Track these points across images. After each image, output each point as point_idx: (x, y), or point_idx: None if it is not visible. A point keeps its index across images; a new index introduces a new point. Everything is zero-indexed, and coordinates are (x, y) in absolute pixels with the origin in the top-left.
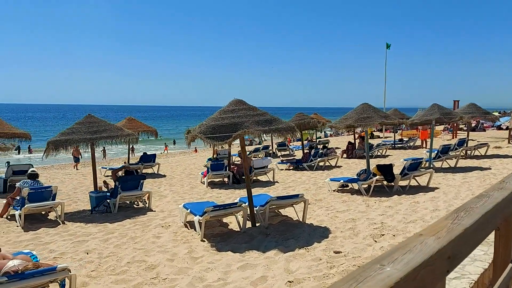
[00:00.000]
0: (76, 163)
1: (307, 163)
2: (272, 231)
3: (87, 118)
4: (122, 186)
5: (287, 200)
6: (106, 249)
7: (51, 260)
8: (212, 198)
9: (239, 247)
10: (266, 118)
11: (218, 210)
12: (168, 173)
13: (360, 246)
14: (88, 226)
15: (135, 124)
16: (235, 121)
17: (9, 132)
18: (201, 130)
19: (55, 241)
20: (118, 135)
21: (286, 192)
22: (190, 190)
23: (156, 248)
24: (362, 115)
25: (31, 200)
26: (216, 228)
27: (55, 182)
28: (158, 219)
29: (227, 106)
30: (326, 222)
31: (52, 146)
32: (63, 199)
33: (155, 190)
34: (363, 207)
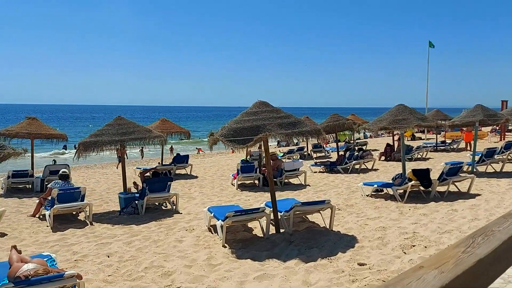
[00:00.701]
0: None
1: (342, 165)
2: (297, 238)
3: (117, 120)
4: (150, 187)
5: (313, 206)
6: (127, 252)
7: (72, 263)
8: (241, 201)
9: (259, 255)
10: (290, 120)
11: (240, 215)
12: (200, 174)
13: (388, 258)
14: (115, 228)
15: (168, 125)
16: (257, 124)
17: (46, 133)
18: (223, 133)
19: (80, 242)
20: (146, 136)
21: (317, 196)
22: (220, 192)
23: (176, 253)
24: (397, 116)
25: (61, 200)
26: (240, 233)
27: (91, 182)
28: (184, 222)
29: (250, 108)
30: (354, 230)
31: (82, 148)
32: (95, 199)
33: (184, 192)
34: (396, 215)
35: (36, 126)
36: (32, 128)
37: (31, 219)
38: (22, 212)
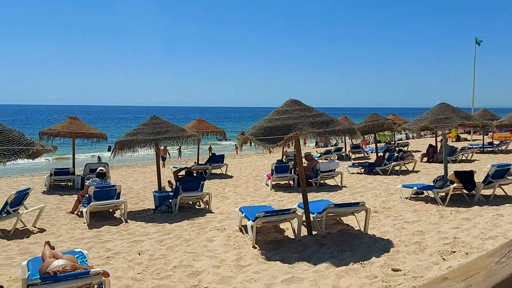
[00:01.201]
0: (163, 162)
1: (381, 167)
2: (329, 241)
3: (152, 119)
4: (183, 186)
5: (346, 208)
6: (158, 250)
7: (104, 260)
8: (274, 202)
9: (289, 257)
10: (322, 119)
11: (270, 216)
12: (236, 174)
13: (424, 264)
14: (148, 226)
15: (204, 125)
16: (289, 123)
17: (87, 132)
18: (253, 132)
19: (113, 239)
20: (180, 136)
21: (353, 198)
22: (254, 192)
23: (205, 253)
24: (439, 116)
25: (97, 198)
26: (271, 234)
27: (130, 180)
28: (216, 221)
29: (281, 106)
30: (390, 234)
31: (119, 147)
32: (132, 197)
33: (219, 191)
34: (436, 218)
35: (77, 125)
36: (73, 128)
37: (70, 216)
38: (61, 209)
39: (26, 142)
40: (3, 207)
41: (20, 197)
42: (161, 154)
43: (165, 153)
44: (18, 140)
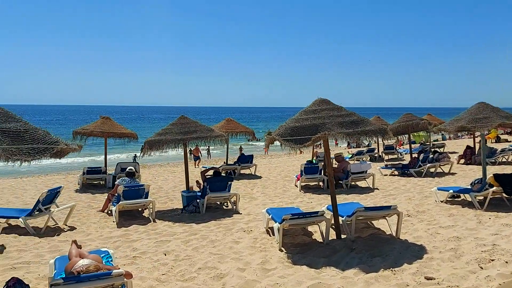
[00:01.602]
0: (195, 161)
1: (415, 168)
2: (359, 245)
3: (180, 119)
4: (210, 187)
5: (377, 212)
6: (184, 251)
7: (130, 259)
8: (303, 203)
9: (317, 261)
10: (352, 119)
11: (297, 219)
12: (265, 174)
13: (460, 273)
14: (175, 226)
15: (233, 125)
16: (316, 122)
17: (118, 131)
18: (280, 132)
19: (141, 239)
20: (208, 136)
21: (385, 201)
22: (282, 194)
23: (231, 255)
24: (477, 115)
25: (126, 197)
26: (299, 237)
27: (160, 179)
28: (242, 222)
29: (309, 106)
30: (423, 239)
31: (147, 146)
32: (161, 196)
33: (247, 192)
34: (473, 224)
35: (109, 125)
36: (105, 127)
37: (100, 214)
38: (92, 207)
39: (51, 140)
40: (35, 205)
41: (52, 196)
42: (193, 154)
43: (197, 152)
44: (43, 139)
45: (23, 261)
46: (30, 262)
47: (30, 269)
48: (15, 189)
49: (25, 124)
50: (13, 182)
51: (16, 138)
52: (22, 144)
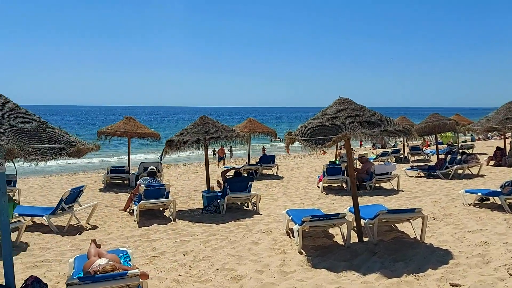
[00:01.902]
0: (219, 161)
1: (442, 170)
2: (381, 249)
3: (201, 119)
4: (230, 187)
5: (401, 215)
6: (203, 251)
7: (149, 259)
8: (324, 205)
9: (337, 265)
10: (374, 119)
11: (317, 221)
12: (287, 175)
13: (488, 280)
14: (195, 226)
15: (255, 125)
16: (337, 122)
17: (141, 131)
18: (299, 132)
19: (161, 239)
20: (228, 136)
21: (410, 203)
22: (304, 195)
23: (250, 256)
24: (508, 115)
25: (147, 197)
26: (320, 239)
27: (182, 179)
28: (262, 223)
29: (330, 105)
30: (449, 244)
31: (169, 146)
32: (182, 196)
33: (268, 192)
34: (503, 228)
35: (132, 125)
36: (128, 127)
37: (122, 214)
38: (115, 206)
39: (68, 140)
40: (59, 204)
41: (75, 194)
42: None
43: (222, 153)
44: (60, 138)
45: (45, 259)
46: (52, 260)
47: (51, 267)
48: (42, 187)
49: (43, 123)
50: (40, 181)
51: (33, 137)
52: (39, 144)
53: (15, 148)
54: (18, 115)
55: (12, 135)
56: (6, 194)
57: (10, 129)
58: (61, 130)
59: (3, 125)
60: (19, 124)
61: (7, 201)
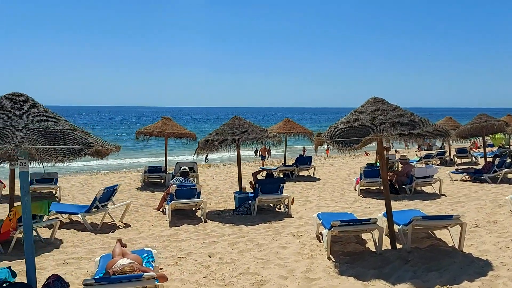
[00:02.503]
0: (262, 161)
1: (489, 174)
2: (415, 257)
3: (234, 119)
4: (262, 188)
5: (436, 221)
6: (229, 254)
7: (175, 260)
8: (360, 209)
9: (365, 272)
10: (408, 119)
11: (347, 226)
12: (324, 176)
13: None
14: (225, 227)
15: (291, 125)
16: (368, 123)
17: (177, 132)
18: (328, 133)
19: (189, 239)
20: (260, 136)
21: (452, 209)
22: (339, 197)
23: (276, 260)
24: None
25: (178, 196)
26: (351, 245)
27: (217, 179)
28: (293, 226)
29: (361, 106)
30: (490, 254)
31: (201, 146)
32: (216, 196)
33: (302, 194)
34: None
35: (169, 125)
36: (165, 128)
37: (155, 213)
38: (150, 205)
39: (87, 141)
40: (93, 202)
41: (109, 193)
42: (260, 153)
43: (265, 152)
44: (79, 139)
45: (76, 257)
46: (82, 258)
47: (80, 265)
48: (83, 186)
49: (63, 124)
50: (82, 179)
51: (52, 138)
52: (58, 144)
53: (31, 148)
54: (39, 116)
55: (31, 135)
56: (29, 193)
57: (29, 129)
58: (81, 131)
59: (23, 126)
60: (39, 125)
61: (30, 200)
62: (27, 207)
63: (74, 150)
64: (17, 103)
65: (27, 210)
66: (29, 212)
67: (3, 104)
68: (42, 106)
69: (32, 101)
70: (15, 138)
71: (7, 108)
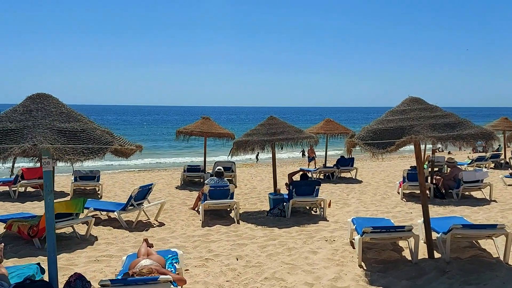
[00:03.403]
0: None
1: None
2: (453, 268)
3: (269, 119)
4: (296, 190)
5: (478, 231)
6: (257, 257)
7: (202, 261)
8: (400, 214)
9: (397, 283)
10: (447, 121)
11: (379, 233)
12: (366, 179)
13: None
14: (257, 229)
15: (332, 125)
16: (402, 125)
17: (216, 132)
18: (361, 135)
19: (220, 240)
20: (295, 137)
21: (502, 216)
22: (380, 201)
23: (304, 266)
24: None
25: (211, 197)
26: (386, 252)
27: (256, 180)
28: (327, 231)
29: (397, 106)
30: None
31: (235, 147)
32: (252, 197)
33: (341, 197)
34: None
35: (208, 125)
36: (204, 127)
37: (190, 212)
38: (186, 204)
39: (106, 141)
40: (128, 200)
41: (144, 192)
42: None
43: (312, 153)
44: (99, 138)
45: (107, 254)
46: (113, 256)
47: (110, 262)
48: (125, 183)
49: (84, 123)
50: (125, 176)
51: (72, 137)
52: (78, 144)
53: (49, 147)
54: (61, 115)
55: (50, 135)
56: (52, 192)
57: (50, 129)
58: (102, 130)
59: (44, 126)
60: (60, 124)
61: (53, 198)
62: (49, 205)
63: (94, 150)
64: (41, 103)
65: (49, 209)
66: (52, 211)
67: (27, 105)
68: (65, 106)
69: (56, 101)
70: (34, 137)
71: (30, 108)
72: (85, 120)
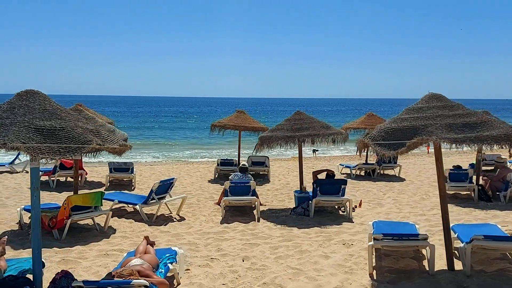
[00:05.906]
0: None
1: None
2: (473, 282)
3: (295, 115)
4: (321, 189)
5: (501, 243)
6: (265, 259)
7: (207, 261)
8: (435, 217)
9: None
10: (466, 120)
11: (391, 240)
12: (411, 177)
13: None
14: (275, 228)
15: (374, 120)
16: (416, 124)
17: (250, 125)
18: (373, 134)
19: (233, 238)
20: (321, 133)
21: None
22: (418, 202)
23: (309, 272)
24: None
25: (232, 193)
26: (404, 260)
27: (291, 175)
28: (349, 233)
29: (416, 103)
30: None
31: (260, 142)
32: (282, 194)
33: (376, 197)
34: None
35: (242, 119)
36: (238, 121)
37: (214, 207)
38: (213, 199)
39: (85, 139)
40: (149, 194)
41: (166, 186)
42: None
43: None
44: (78, 137)
45: (118, 249)
46: (123, 251)
47: (118, 258)
48: (161, 175)
49: (65, 121)
50: (163, 168)
51: (49, 136)
52: (54, 142)
53: (21, 146)
54: (44, 113)
55: (25, 133)
56: (38, 188)
57: (26, 127)
58: (83, 129)
59: (21, 123)
60: (38, 122)
61: (39, 195)
62: (35, 202)
63: (71, 149)
64: (27, 100)
65: (35, 206)
66: (38, 208)
67: (13, 101)
68: (51, 103)
69: (43, 98)
70: (6, 136)
71: (14, 105)
72: (68, 118)
